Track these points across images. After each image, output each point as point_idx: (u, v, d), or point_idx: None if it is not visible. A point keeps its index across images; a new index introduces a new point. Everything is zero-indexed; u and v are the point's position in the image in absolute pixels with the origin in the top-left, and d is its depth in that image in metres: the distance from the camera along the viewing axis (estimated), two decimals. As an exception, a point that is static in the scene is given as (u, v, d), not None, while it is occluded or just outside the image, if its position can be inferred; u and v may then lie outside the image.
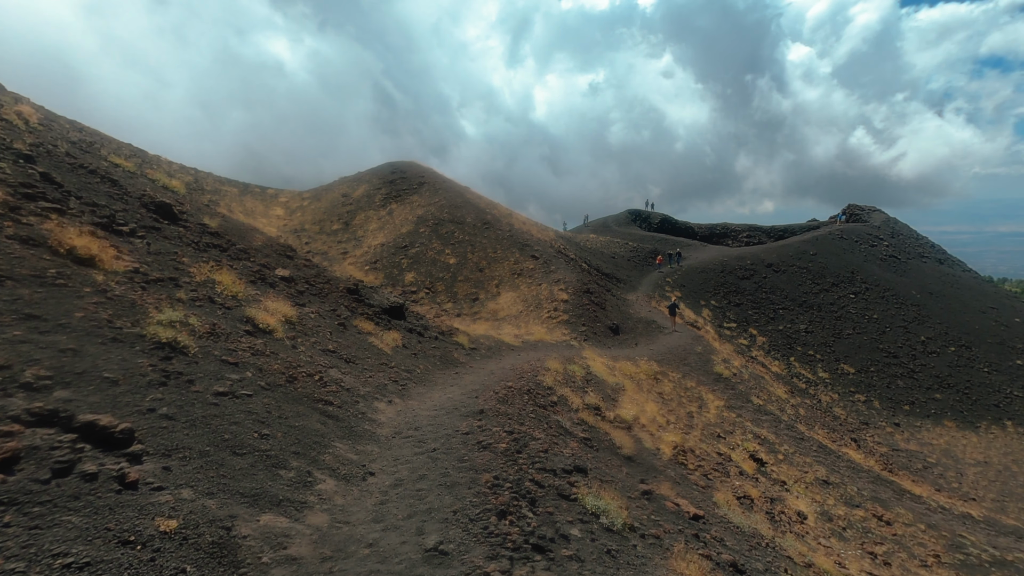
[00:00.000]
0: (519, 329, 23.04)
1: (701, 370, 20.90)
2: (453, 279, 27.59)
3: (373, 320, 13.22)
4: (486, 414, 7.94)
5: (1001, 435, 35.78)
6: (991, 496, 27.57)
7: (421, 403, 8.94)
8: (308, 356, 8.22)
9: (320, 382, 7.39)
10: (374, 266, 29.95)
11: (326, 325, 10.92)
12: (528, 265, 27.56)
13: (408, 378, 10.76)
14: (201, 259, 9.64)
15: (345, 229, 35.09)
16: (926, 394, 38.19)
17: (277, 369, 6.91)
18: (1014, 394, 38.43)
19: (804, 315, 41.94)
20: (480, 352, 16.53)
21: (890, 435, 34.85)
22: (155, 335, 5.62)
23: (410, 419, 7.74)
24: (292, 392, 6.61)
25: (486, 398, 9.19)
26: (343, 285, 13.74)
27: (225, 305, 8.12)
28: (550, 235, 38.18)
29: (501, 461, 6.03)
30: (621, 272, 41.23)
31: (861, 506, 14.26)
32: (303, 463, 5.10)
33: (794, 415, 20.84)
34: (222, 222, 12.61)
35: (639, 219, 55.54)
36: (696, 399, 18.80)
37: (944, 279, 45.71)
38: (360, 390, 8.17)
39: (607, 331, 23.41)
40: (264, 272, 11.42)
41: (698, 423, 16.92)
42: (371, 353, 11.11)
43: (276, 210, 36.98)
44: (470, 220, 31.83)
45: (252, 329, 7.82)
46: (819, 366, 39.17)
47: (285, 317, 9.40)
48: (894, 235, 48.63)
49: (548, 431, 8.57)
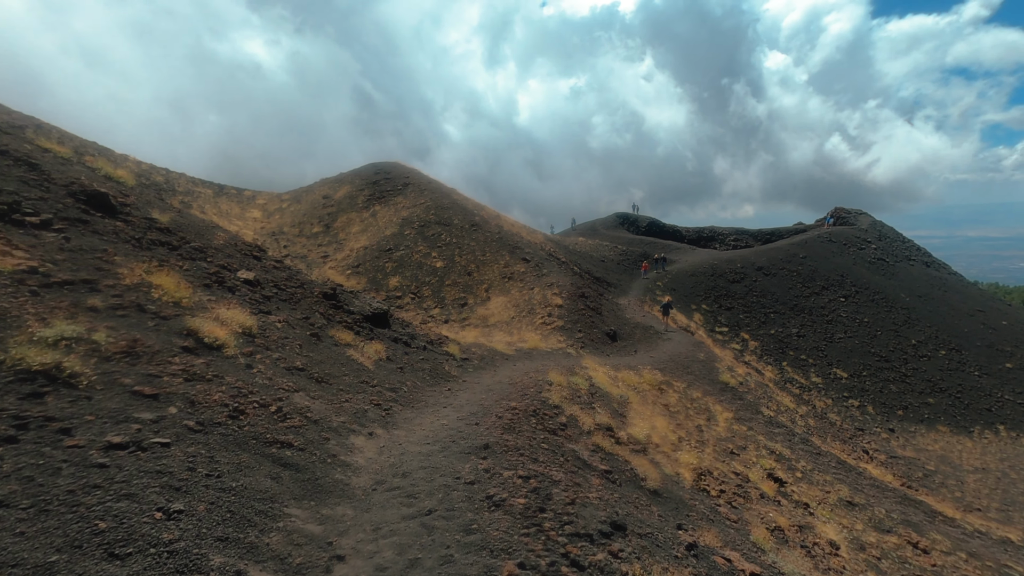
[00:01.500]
0: (511, 336, 21.32)
1: (706, 379, 19.35)
2: (440, 283, 25.79)
3: (353, 329, 11.41)
4: (492, 450, 6.20)
5: (994, 440, 34.91)
6: (995, 505, 26.44)
7: (410, 433, 7.17)
8: (266, 378, 6.42)
9: (278, 415, 5.59)
10: (356, 270, 28.02)
11: (295, 337, 9.10)
12: (519, 268, 25.86)
13: (393, 399, 8.97)
14: (139, 258, 7.78)
15: (326, 232, 33.09)
16: (919, 398, 37.24)
17: (218, 400, 5.10)
18: (1005, 398, 37.67)
19: (795, 319, 40.83)
20: (473, 363, 14.77)
21: (886, 441, 33.70)
22: (21, 360, 3.80)
23: (396, 459, 5.96)
24: (235, 433, 4.81)
25: (489, 425, 7.45)
26: (319, 290, 11.89)
27: (160, 314, 6.29)
28: (539, 238, 36.57)
29: (522, 529, 4.31)
30: (611, 276, 39.75)
31: (893, 531, 12.76)
32: (231, 557, 3.30)
33: (805, 427, 19.39)
34: (176, 217, 10.71)
35: (627, 222, 54.17)
36: (703, 411, 17.24)
37: (931, 282, 45.00)
38: (332, 420, 6.38)
39: (604, 338, 21.79)
40: (223, 275, 9.56)
41: (709, 438, 15.34)
42: (350, 369, 9.31)
43: (253, 212, 34.82)
44: (457, 222, 30.05)
45: (193, 345, 6.00)
46: (812, 371, 38.01)
47: (242, 328, 7.58)
48: (881, 238, 47.87)
49: (566, 467, 6.87)
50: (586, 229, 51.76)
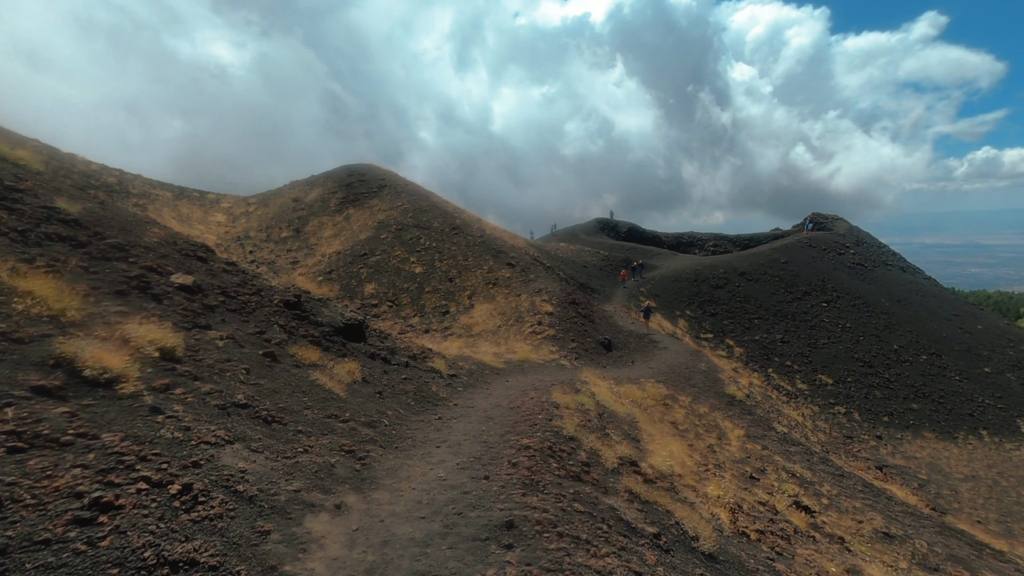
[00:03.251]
0: (499, 347, 19.23)
1: (710, 392, 17.58)
2: (420, 290, 23.57)
3: (321, 345, 9.19)
4: (519, 531, 4.14)
5: (979, 446, 34.14)
6: (993, 517, 25.32)
7: (395, 498, 5.03)
8: (179, 428, 4.23)
9: (182, 499, 3.42)
10: (328, 277, 25.61)
11: (242, 358, 6.88)
12: (504, 274, 23.81)
13: (371, 438, 6.82)
14: (15, 256, 5.51)
15: (296, 236, 30.53)
16: (903, 404, 36.35)
17: (64, 487, 2.92)
18: (986, 403, 37.06)
19: (779, 324, 39.70)
20: (462, 380, 12.65)
21: (875, 449, 32.52)
22: None
23: (376, 556, 3.83)
24: (77, 567, 2.65)
25: (504, 480, 5.38)
26: (279, 297, 9.64)
27: (14, 335, 4.06)
28: (521, 243, 34.61)
29: None
30: (595, 282, 38.02)
31: (941, 570, 11.06)
32: None
33: (818, 442, 17.75)
34: (94, 208, 8.37)
35: (607, 228, 52.62)
36: (713, 428, 15.42)
37: (909, 287, 44.50)
38: (279, 493, 4.22)
39: (599, 347, 19.86)
40: (148, 279, 7.28)
41: (724, 460, 13.50)
42: (314, 399, 7.12)
43: (217, 216, 32.01)
44: (437, 225, 27.88)
45: (59, 383, 3.81)
46: (797, 377, 36.84)
47: (159, 350, 5.35)
48: (859, 243, 47.29)
49: (616, 543, 4.85)
50: (567, 235, 50.01)
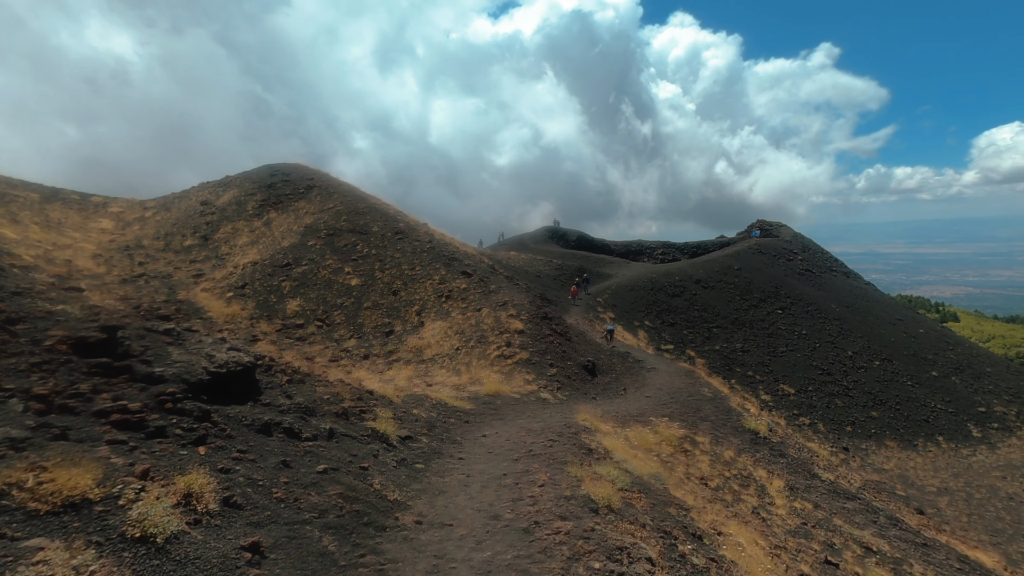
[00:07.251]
0: (459, 376, 14.61)
1: (726, 426, 13.74)
2: (357, 306, 18.55)
3: (143, 427, 4.35)
4: None
5: (939, 453, 32.66)
6: (984, 537, 23.06)
7: None
8: None
9: None
10: (241, 291, 20.06)
11: None
12: (460, 285, 19.22)
13: None
14: None
15: (203, 245, 24.60)
16: (863, 412, 34.53)
17: None
18: (938, 408, 35.93)
19: (738, 333, 37.24)
20: (419, 445, 8.01)
21: (844, 462, 30.05)
22: None
23: None
24: None
25: None
26: (63, 332, 4.69)
27: None
28: (472, 251, 30.09)
29: None
30: (550, 293, 34.02)
31: None
32: None
33: (860, 486, 14.26)
34: None
35: (556, 236, 49.04)
36: (747, 481, 11.49)
37: (855, 292, 43.55)
38: None
39: (582, 372, 15.65)
40: None
41: (779, 531, 9.54)
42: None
43: (102, 222, 25.45)
44: (377, 229, 22.91)
45: None
46: (760, 387, 34.31)
47: None
48: (805, 249, 46.13)
49: None
50: (516, 243, 45.94)
